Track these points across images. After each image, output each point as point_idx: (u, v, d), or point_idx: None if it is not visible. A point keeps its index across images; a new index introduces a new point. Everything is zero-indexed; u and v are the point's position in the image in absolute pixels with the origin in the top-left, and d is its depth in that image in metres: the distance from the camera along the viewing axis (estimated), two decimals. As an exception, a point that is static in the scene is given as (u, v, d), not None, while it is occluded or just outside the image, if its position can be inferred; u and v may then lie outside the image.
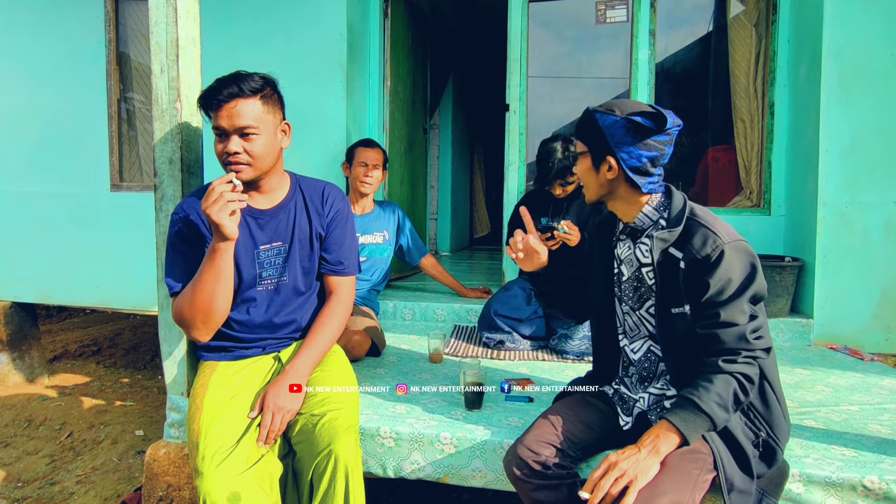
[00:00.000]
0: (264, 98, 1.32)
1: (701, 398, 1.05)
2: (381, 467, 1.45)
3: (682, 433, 1.04)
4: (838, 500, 1.21)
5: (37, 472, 2.29)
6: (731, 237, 1.10)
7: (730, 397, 1.06)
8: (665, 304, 1.15)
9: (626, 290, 1.26)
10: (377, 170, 2.36)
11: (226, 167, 1.32)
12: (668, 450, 1.04)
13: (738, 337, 1.08)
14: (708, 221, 1.12)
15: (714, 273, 1.08)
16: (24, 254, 3.22)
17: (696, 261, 1.09)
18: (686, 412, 1.06)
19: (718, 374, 1.07)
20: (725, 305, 1.08)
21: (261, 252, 1.40)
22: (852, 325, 2.33)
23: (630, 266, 1.24)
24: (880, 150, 2.30)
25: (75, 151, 3.15)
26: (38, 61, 3.17)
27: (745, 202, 2.81)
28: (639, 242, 1.21)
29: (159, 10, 1.54)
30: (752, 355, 1.08)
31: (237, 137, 1.29)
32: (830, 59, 2.32)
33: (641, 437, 1.07)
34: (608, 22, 2.94)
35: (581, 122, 1.19)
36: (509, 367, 1.96)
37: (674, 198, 1.18)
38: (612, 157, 1.14)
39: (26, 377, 3.36)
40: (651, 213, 1.18)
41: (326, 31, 2.76)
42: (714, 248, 1.08)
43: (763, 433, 1.14)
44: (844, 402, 1.66)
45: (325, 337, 1.42)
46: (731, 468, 1.09)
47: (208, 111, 1.31)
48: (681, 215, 1.14)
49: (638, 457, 1.02)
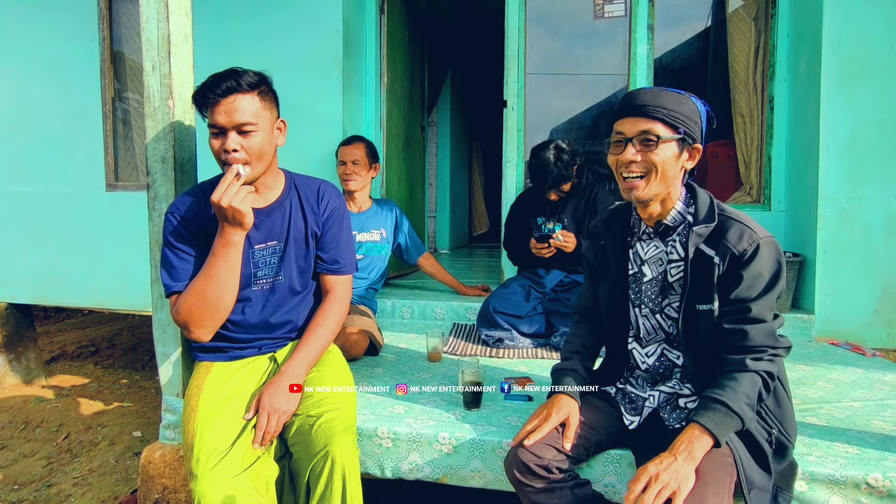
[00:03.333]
0: (261, 94, 1.30)
1: (730, 399, 1.04)
2: (378, 468, 1.43)
3: (714, 435, 1.03)
4: (842, 497, 1.20)
5: (33, 474, 2.28)
6: (764, 233, 1.10)
7: (755, 396, 1.05)
8: (692, 301, 1.13)
9: (647, 292, 1.22)
10: (359, 166, 2.34)
11: (223, 165, 1.30)
12: (702, 454, 1.02)
13: (767, 334, 1.07)
14: (740, 217, 1.12)
15: (749, 267, 1.07)
16: (20, 254, 3.20)
17: (733, 256, 1.08)
18: (716, 414, 1.04)
19: (745, 373, 1.06)
20: (756, 301, 1.08)
21: (256, 251, 1.38)
22: (854, 321, 2.32)
23: (657, 266, 1.20)
24: (881, 145, 2.29)
25: (70, 151, 3.13)
26: (32, 60, 3.14)
27: (744, 197, 2.79)
28: (669, 240, 1.18)
29: (150, 5, 1.51)
30: (776, 353, 1.08)
31: (235, 134, 1.26)
32: (830, 53, 2.30)
33: (674, 443, 1.04)
34: (606, 17, 2.91)
35: (671, 103, 1.08)
36: (508, 366, 1.94)
37: (699, 195, 1.16)
38: (701, 144, 1.12)
39: (23, 379, 3.34)
40: (682, 210, 1.16)
41: (322, 28, 2.74)
42: (751, 243, 1.07)
43: (775, 430, 1.14)
44: (847, 398, 1.65)
45: (321, 337, 1.40)
46: (751, 467, 1.08)
47: (203, 108, 1.29)
48: (712, 211, 1.12)
49: (676, 465, 1.00)
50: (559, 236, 2.10)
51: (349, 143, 2.38)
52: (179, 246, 1.34)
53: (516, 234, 2.43)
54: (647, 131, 1.07)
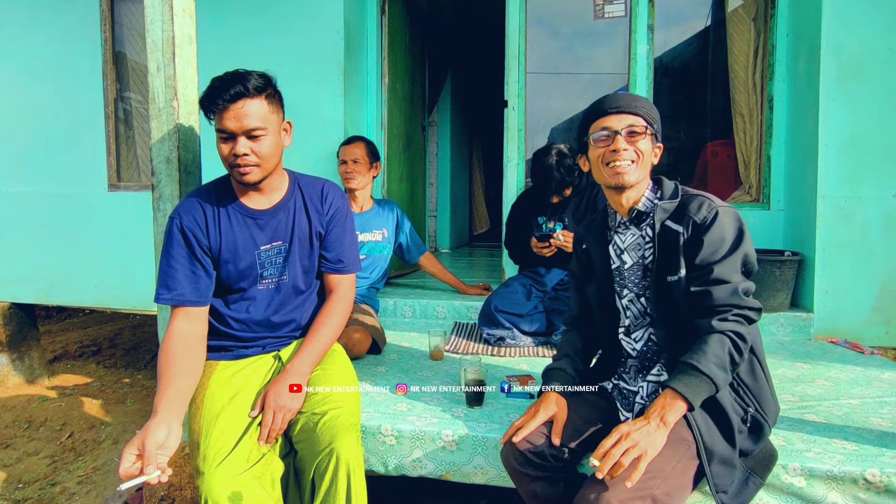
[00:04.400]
0: (269, 97, 1.30)
1: (699, 361, 1.06)
2: (382, 465, 1.45)
3: (686, 399, 1.05)
4: (840, 493, 1.21)
5: (38, 472, 2.29)
6: (723, 203, 1.18)
7: (726, 357, 1.07)
8: (662, 274, 1.19)
9: (630, 278, 1.28)
10: (360, 165, 2.36)
11: (232, 168, 1.31)
12: (675, 419, 1.05)
13: (731, 293, 1.11)
14: (702, 193, 1.21)
15: (709, 232, 1.14)
16: (22, 254, 3.21)
17: (695, 224, 1.16)
18: (687, 377, 1.06)
19: (712, 335, 1.09)
20: (719, 263, 1.13)
21: (262, 252, 1.39)
22: (852, 319, 2.33)
23: (636, 251, 1.27)
24: (879, 144, 2.30)
25: (72, 151, 3.14)
26: (34, 61, 3.15)
27: (744, 197, 2.80)
28: (643, 225, 1.26)
29: (155, 7, 1.53)
30: (742, 313, 1.11)
31: (245, 139, 1.27)
32: (829, 53, 2.31)
33: (648, 409, 1.07)
34: (606, 17, 2.93)
35: (646, 105, 1.24)
36: (510, 364, 1.96)
37: (664, 182, 1.27)
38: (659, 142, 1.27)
39: (26, 378, 3.35)
40: (651, 196, 1.26)
41: (323, 29, 2.75)
42: (710, 210, 1.16)
43: (752, 408, 1.16)
44: (845, 395, 1.66)
45: (325, 335, 1.42)
46: (712, 437, 1.09)
47: (210, 112, 1.28)
48: (676, 190, 1.24)
49: (648, 429, 1.03)
50: (559, 236, 2.11)
51: (349, 143, 2.40)
52: (175, 254, 1.34)
53: (517, 233, 2.45)
54: (633, 124, 1.21)
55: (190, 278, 1.33)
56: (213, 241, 1.36)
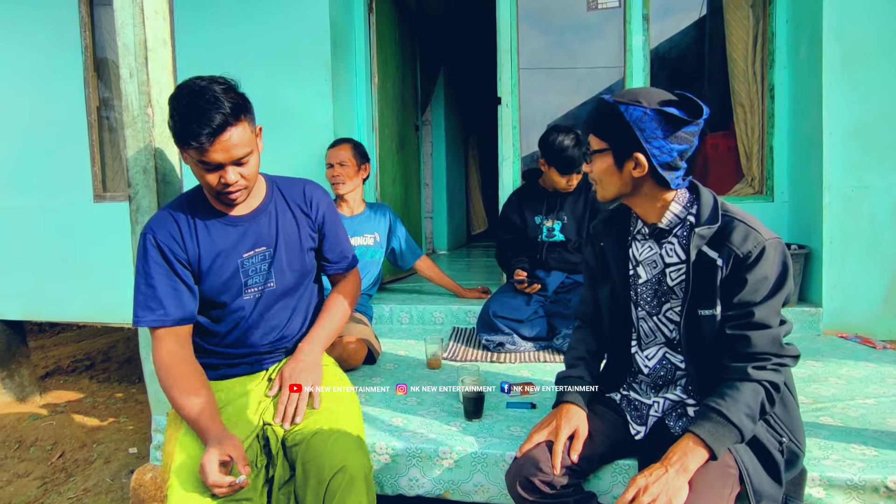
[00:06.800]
0: (245, 114, 1.20)
1: (729, 409, 0.98)
2: (377, 484, 1.37)
3: (709, 447, 0.97)
4: (860, 502, 1.15)
5: (28, 495, 2.22)
6: (769, 234, 1.05)
7: (758, 407, 1.00)
8: (694, 306, 1.08)
9: (643, 294, 1.18)
10: (347, 167, 2.29)
11: (219, 196, 1.23)
12: (696, 466, 0.97)
13: (771, 341, 1.02)
14: (745, 218, 1.06)
15: (753, 270, 1.02)
16: (10, 270, 3.14)
17: (737, 258, 1.03)
18: (713, 424, 0.99)
19: (746, 382, 1.01)
20: (760, 305, 1.02)
21: (244, 260, 1.32)
22: (862, 313, 2.26)
23: (652, 268, 1.15)
24: (886, 132, 2.23)
25: (56, 163, 3.06)
26: (12, 69, 3.08)
27: (746, 189, 2.73)
28: (664, 242, 1.13)
29: (125, 10, 1.46)
30: (781, 363, 1.02)
31: (233, 166, 1.19)
32: (831, 38, 2.23)
33: (667, 454, 0.99)
34: (600, 8, 2.85)
35: (599, 116, 1.08)
36: (510, 371, 1.89)
37: (702, 194, 1.10)
38: (642, 153, 1.04)
39: (16, 396, 3.28)
40: (679, 212, 1.10)
41: (309, 28, 2.67)
42: (756, 245, 1.02)
43: (785, 438, 1.08)
44: (860, 395, 1.60)
45: (340, 304, 1.43)
46: (759, 478, 1.02)
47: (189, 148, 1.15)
48: (715, 212, 1.07)
49: (667, 477, 0.95)
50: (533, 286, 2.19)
51: (335, 146, 2.34)
52: (153, 272, 1.25)
53: (510, 245, 2.37)
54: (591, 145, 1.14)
55: (172, 296, 1.25)
56: (191, 254, 1.28)
